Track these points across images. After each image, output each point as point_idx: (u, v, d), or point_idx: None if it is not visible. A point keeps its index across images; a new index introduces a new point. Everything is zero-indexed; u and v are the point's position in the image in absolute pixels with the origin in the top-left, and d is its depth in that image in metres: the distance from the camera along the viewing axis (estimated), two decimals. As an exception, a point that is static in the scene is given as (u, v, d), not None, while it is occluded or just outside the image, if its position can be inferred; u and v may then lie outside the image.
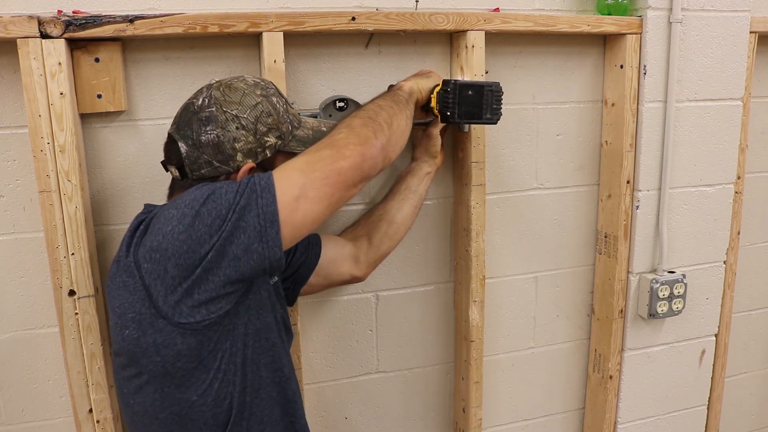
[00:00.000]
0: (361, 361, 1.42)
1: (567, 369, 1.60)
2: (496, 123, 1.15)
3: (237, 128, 0.89)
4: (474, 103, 1.11)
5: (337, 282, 1.26)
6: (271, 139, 0.92)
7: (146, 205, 0.97)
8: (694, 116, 1.43)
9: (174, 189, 0.98)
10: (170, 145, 0.94)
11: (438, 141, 1.25)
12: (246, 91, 0.92)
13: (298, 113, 1.03)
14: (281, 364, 0.97)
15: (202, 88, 0.94)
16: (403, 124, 0.97)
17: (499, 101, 1.12)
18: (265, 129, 0.91)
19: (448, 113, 1.10)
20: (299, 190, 0.80)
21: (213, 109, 0.89)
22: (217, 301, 0.81)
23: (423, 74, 1.15)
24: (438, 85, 1.12)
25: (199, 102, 0.91)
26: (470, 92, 1.10)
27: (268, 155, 0.93)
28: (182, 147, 0.90)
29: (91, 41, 1.09)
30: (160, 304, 0.79)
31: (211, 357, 0.84)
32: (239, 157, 0.90)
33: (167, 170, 0.98)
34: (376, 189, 1.34)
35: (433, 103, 1.12)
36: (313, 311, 1.36)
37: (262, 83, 0.96)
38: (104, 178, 1.19)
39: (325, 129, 1.01)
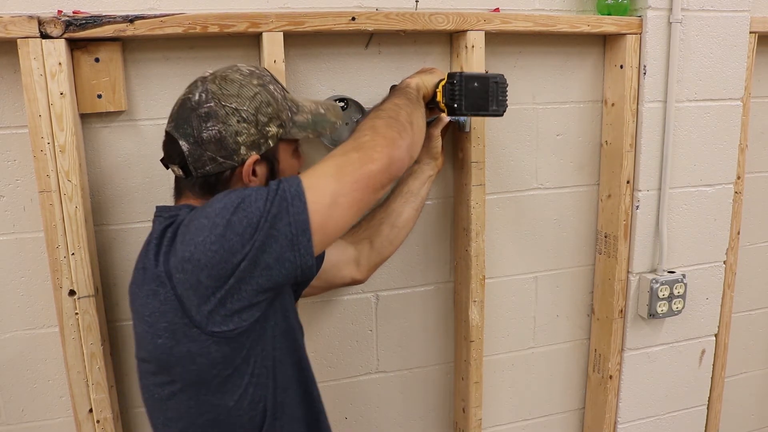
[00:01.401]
0: (361, 361, 1.42)
1: (567, 369, 1.60)
2: (502, 115, 1.13)
3: (238, 121, 0.88)
4: (480, 95, 1.10)
5: (338, 285, 1.26)
6: (273, 129, 0.91)
7: (158, 208, 0.95)
8: (694, 116, 1.43)
9: (181, 188, 0.96)
10: (170, 143, 0.92)
11: (439, 141, 1.25)
12: (243, 82, 0.91)
13: (295, 98, 1.02)
14: (305, 363, 0.98)
15: (196, 82, 0.93)
16: (421, 121, 0.98)
17: (504, 93, 1.12)
18: (266, 119, 0.90)
19: (455, 105, 1.09)
20: (330, 198, 0.81)
21: (212, 104, 0.88)
22: (249, 309, 0.81)
23: (426, 71, 1.15)
24: (442, 80, 1.12)
25: (196, 97, 0.90)
26: (476, 84, 1.09)
27: (271, 145, 0.92)
28: (183, 145, 0.89)
29: (91, 41, 1.09)
30: (194, 313, 0.79)
31: (244, 363, 0.84)
32: (243, 150, 0.89)
33: (168, 168, 0.97)
34: (376, 189, 1.34)
35: (439, 98, 1.11)
36: (313, 311, 1.36)
37: (257, 71, 0.94)
38: (104, 178, 1.19)
39: (323, 111, 1.00)
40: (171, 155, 0.93)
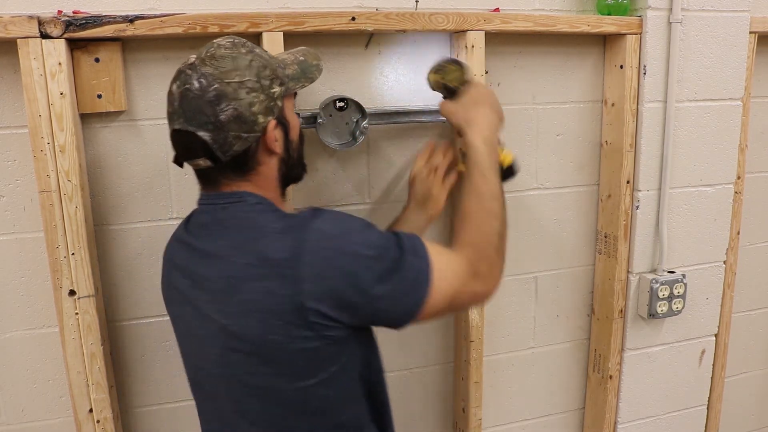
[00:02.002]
0: (361, 361, 1.42)
1: (567, 369, 1.60)
2: None
3: (247, 93, 0.88)
4: None
5: None
6: (277, 89, 0.92)
7: (210, 195, 0.93)
8: (694, 116, 1.43)
9: (212, 177, 0.93)
10: (186, 139, 0.90)
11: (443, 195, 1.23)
12: (233, 55, 0.90)
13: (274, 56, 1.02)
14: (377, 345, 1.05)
15: (184, 71, 0.90)
16: None
17: None
18: (268, 82, 0.90)
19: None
20: (443, 303, 0.88)
21: (216, 85, 0.87)
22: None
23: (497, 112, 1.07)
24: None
25: (196, 85, 0.88)
26: None
27: (280, 105, 0.92)
28: (204, 135, 0.88)
29: (91, 41, 1.09)
30: (311, 319, 0.83)
31: (349, 360, 0.90)
32: (260, 119, 0.89)
33: (182, 166, 0.95)
34: (379, 192, 1.34)
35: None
36: (313, 311, 1.36)
37: (237, 40, 0.94)
38: (104, 178, 1.19)
39: (302, 58, 1.00)
40: (192, 150, 0.90)
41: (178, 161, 0.95)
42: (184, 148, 0.91)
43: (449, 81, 1.11)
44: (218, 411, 0.97)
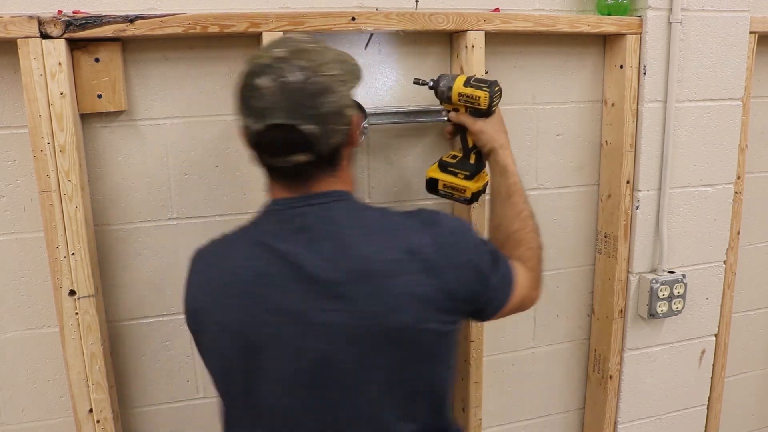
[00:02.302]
0: (361, 361, 1.42)
1: (567, 369, 1.60)
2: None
3: (340, 86, 0.87)
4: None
5: None
6: (353, 83, 0.91)
7: (288, 198, 0.90)
8: (694, 116, 1.43)
9: (307, 173, 0.89)
10: (288, 134, 0.85)
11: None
12: (318, 49, 0.88)
13: None
14: None
15: (271, 65, 0.84)
16: None
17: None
18: (349, 76, 0.90)
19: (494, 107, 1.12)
20: (517, 303, 0.99)
21: (317, 78, 0.85)
22: None
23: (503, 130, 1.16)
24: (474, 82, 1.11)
25: (295, 77, 0.84)
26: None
27: (354, 99, 0.92)
28: (307, 128, 0.84)
29: (91, 41, 1.09)
30: (455, 305, 0.89)
31: (456, 343, 0.96)
32: (348, 111, 0.89)
33: (259, 162, 0.91)
34: (379, 192, 1.34)
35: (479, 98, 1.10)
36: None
37: (309, 36, 0.93)
38: (104, 178, 1.19)
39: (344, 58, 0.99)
40: (293, 144, 0.86)
41: (272, 155, 0.88)
42: (283, 143, 0.86)
43: (495, 103, 1.11)
44: (321, 424, 0.90)
